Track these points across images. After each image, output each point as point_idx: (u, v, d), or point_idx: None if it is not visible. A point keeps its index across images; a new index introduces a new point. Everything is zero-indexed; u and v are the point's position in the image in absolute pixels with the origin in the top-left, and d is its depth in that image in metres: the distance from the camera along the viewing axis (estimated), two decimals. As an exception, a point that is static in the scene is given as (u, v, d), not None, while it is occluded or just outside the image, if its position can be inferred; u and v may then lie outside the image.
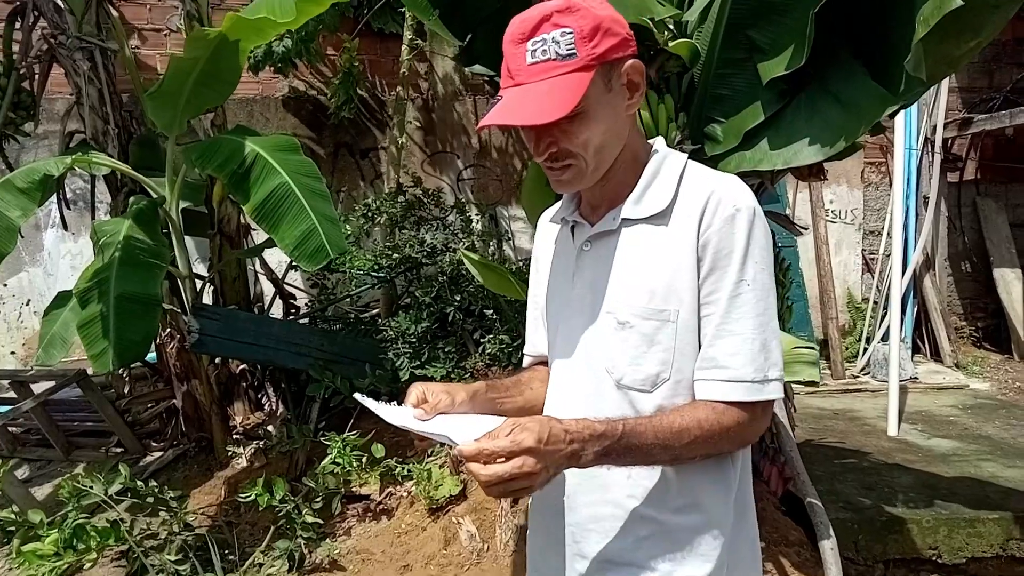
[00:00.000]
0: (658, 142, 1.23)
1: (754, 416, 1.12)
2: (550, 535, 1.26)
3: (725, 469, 1.18)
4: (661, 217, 1.15)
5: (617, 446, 1.01)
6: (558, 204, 1.37)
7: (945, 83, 6.14)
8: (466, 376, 3.60)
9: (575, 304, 1.24)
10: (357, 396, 1.21)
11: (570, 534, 1.22)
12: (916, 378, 5.82)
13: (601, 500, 1.18)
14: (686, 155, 1.22)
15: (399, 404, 1.18)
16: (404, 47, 4.81)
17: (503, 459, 0.93)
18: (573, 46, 1.05)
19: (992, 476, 3.66)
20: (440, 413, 1.17)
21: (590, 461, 1.00)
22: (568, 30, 1.05)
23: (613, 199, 1.21)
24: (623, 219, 1.18)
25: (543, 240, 1.41)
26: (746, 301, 1.10)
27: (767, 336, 1.11)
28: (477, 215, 5.68)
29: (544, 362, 1.42)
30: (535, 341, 1.45)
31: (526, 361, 1.48)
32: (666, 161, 1.20)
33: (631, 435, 1.03)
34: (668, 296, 1.12)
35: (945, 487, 3.52)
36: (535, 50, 1.06)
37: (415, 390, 1.20)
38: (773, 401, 1.14)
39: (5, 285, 5.21)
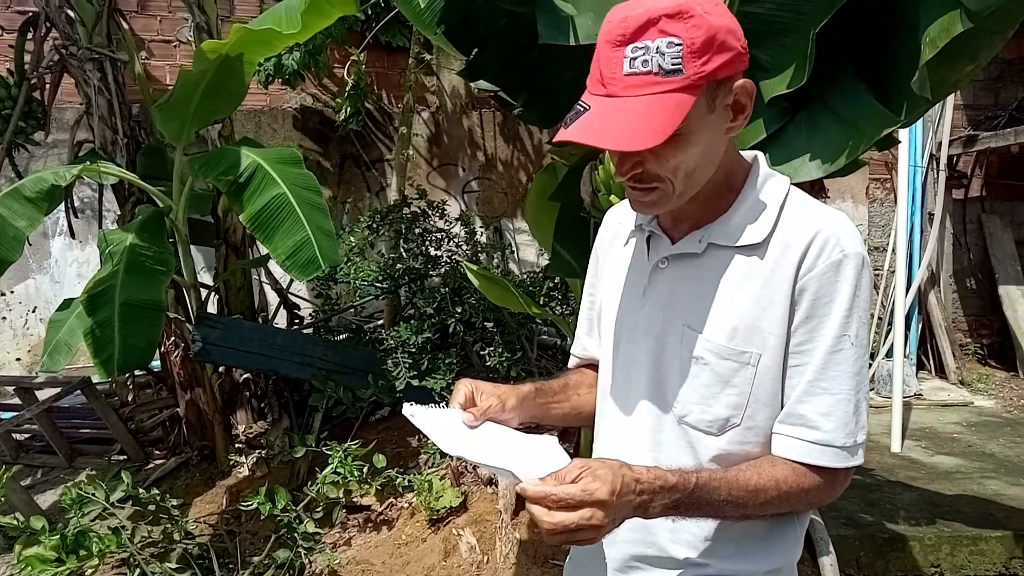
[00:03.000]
0: (760, 160, 1.10)
1: (836, 481, 1.03)
2: (589, 569, 1.21)
3: (790, 518, 1.09)
4: (755, 248, 1.03)
5: (687, 500, 0.94)
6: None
7: (950, 100, 6.13)
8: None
9: (643, 324, 1.12)
10: (405, 410, 1.08)
11: (612, 570, 1.15)
12: (920, 395, 5.78)
13: (643, 540, 1.11)
14: (788, 179, 1.09)
15: (446, 405, 1.11)
16: (411, 60, 4.85)
17: (571, 507, 0.85)
18: (680, 61, 0.90)
19: (996, 494, 3.64)
20: (488, 419, 1.10)
21: (657, 513, 0.93)
22: (676, 41, 0.90)
23: (700, 217, 1.08)
24: (710, 243, 1.06)
25: (610, 239, 1.28)
26: (846, 359, 0.99)
27: (860, 397, 1.01)
28: (482, 227, 5.70)
29: (590, 365, 1.34)
30: (586, 344, 1.35)
31: (572, 362, 1.40)
32: (767, 185, 1.07)
33: (703, 489, 0.95)
34: (751, 337, 1.01)
35: (948, 505, 3.51)
36: (635, 58, 0.91)
37: (463, 387, 1.13)
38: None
39: (12, 292, 5.25)
